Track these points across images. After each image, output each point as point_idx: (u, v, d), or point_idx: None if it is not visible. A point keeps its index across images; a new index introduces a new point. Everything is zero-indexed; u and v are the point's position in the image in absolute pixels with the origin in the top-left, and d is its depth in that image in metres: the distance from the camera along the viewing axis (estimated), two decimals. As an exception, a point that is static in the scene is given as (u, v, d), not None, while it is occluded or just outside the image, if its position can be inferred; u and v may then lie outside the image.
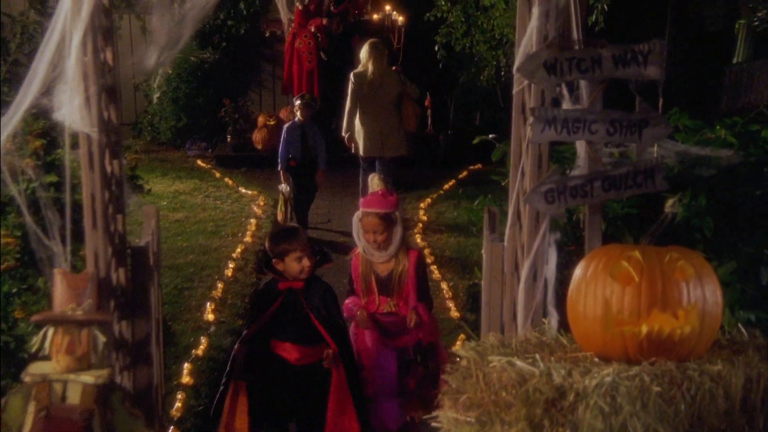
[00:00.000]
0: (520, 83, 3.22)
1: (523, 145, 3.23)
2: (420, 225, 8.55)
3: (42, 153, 4.24)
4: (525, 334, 2.82)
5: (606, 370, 2.28)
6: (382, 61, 8.64)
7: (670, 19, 11.63)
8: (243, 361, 4.11)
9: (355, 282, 4.47)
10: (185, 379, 5.07)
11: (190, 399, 4.87)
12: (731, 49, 13.35)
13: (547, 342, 2.68)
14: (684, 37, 11.64)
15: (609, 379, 2.24)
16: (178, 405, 4.74)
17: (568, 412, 2.24)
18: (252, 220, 8.59)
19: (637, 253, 2.46)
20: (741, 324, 2.72)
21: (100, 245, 3.18)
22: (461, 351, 2.55)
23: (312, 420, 4.17)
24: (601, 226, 3.02)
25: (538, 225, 3.15)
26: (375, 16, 11.09)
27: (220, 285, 6.70)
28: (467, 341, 2.66)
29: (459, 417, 2.41)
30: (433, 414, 2.52)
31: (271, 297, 4.16)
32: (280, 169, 7.86)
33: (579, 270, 2.58)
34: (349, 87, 8.54)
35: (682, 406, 2.24)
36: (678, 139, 4.16)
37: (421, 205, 9.28)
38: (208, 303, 6.31)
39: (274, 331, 4.15)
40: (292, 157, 7.78)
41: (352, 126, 8.55)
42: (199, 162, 11.31)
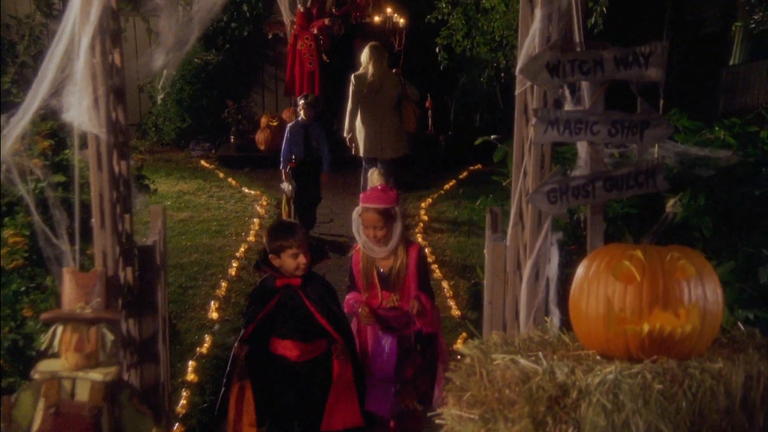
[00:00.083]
0: (523, 85, 3.23)
1: (526, 146, 3.23)
2: (421, 224, 8.59)
3: (50, 153, 4.26)
4: (527, 332, 2.82)
5: (608, 368, 2.28)
6: (382, 64, 8.71)
7: (668, 21, 11.64)
8: (244, 360, 4.06)
9: (357, 278, 4.41)
10: (190, 376, 5.12)
11: (195, 396, 4.91)
12: (728, 51, 13.38)
13: (550, 340, 2.68)
14: (681, 39, 11.65)
15: (611, 376, 2.25)
16: (183, 402, 4.79)
17: (571, 410, 2.25)
18: (255, 219, 8.64)
19: (638, 253, 2.46)
20: (740, 322, 2.74)
21: (109, 244, 3.21)
22: (465, 349, 2.56)
23: (315, 416, 4.14)
24: (602, 226, 3.01)
25: (541, 225, 3.17)
26: (376, 19, 11.11)
27: (224, 284, 6.75)
28: (470, 339, 2.66)
29: (463, 414, 2.41)
30: (438, 411, 2.53)
31: (269, 294, 4.10)
32: (282, 168, 7.89)
33: (581, 269, 2.58)
34: (350, 89, 8.61)
35: (684, 404, 2.25)
36: (677, 140, 4.17)
37: (422, 204, 9.33)
38: (212, 301, 6.37)
39: (272, 328, 4.11)
40: (294, 157, 7.81)
41: (354, 127, 8.63)
42: (202, 162, 11.36)
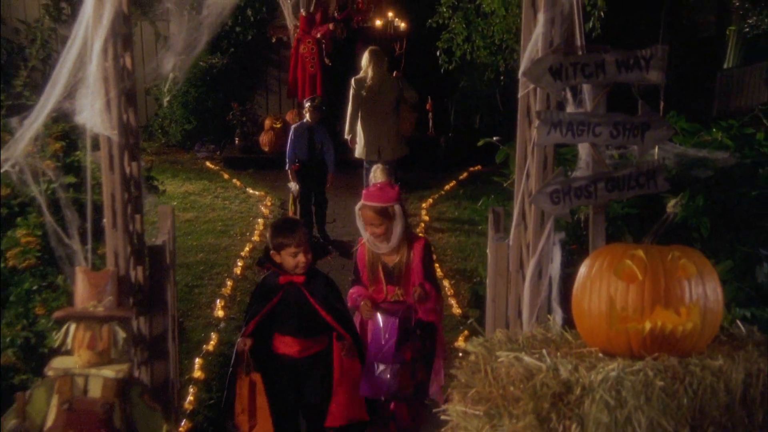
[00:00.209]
0: (526, 87, 3.26)
1: (528, 148, 3.27)
2: (422, 224, 8.65)
3: (61, 155, 4.30)
4: (531, 330, 2.85)
5: (611, 365, 2.31)
6: (381, 67, 8.80)
7: (664, 24, 11.68)
8: (248, 355, 4.04)
9: (362, 272, 4.41)
10: (197, 373, 5.18)
11: (202, 392, 4.98)
12: (722, 54, 13.42)
13: (553, 338, 2.71)
14: (677, 43, 11.68)
15: (614, 374, 2.28)
16: (191, 398, 4.85)
17: (574, 406, 2.28)
18: (259, 219, 8.70)
19: (640, 252, 2.50)
20: (737, 321, 2.78)
21: (120, 244, 3.27)
22: (470, 346, 2.58)
23: (319, 412, 4.18)
24: (604, 226, 3.04)
25: (543, 225, 3.20)
26: (378, 23, 11.15)
27: (230, 282, 6.82)
28: (474, 337, 2.69)
29: (468, 410, 2.45)
30: (443, 407, 2.56)
31: (271, 291, 4.09)
32: (287, 168, 7.90)
33: (584, 268, 2.61)
34: (350, 92, 8.72)
35: (685, 400, 2.29)
36: (676, 142, 4.22)
37: (422, 205, 9.39)
38: (218, 300, 6.44)
39: (274, 324, 4.12)
40: (297, 159, 7.84)
41: (354, 129, 8.74)
42: (207, 164, 11.41)
